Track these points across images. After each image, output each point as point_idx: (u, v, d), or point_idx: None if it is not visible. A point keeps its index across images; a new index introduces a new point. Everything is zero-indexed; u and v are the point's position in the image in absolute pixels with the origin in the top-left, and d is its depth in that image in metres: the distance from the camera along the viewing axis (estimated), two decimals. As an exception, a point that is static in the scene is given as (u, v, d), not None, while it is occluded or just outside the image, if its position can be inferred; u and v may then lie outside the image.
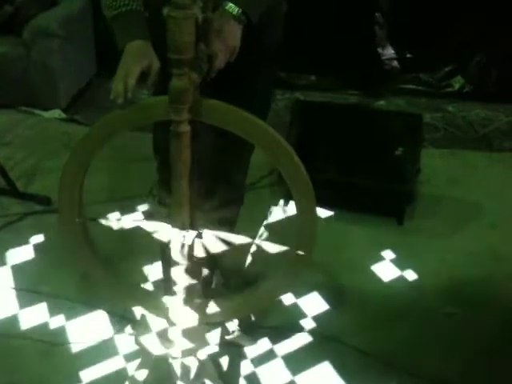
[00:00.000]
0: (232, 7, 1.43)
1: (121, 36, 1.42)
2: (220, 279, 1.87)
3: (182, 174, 1.31)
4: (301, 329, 2.10)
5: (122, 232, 1.50)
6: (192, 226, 1.40)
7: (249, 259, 2.16)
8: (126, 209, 2.70)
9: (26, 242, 2.50)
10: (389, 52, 3.98)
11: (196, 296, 1.54)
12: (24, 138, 3.32)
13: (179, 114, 1.25)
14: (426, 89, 4.00)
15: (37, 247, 2.48)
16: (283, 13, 1.71)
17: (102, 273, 1.58)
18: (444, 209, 2.78)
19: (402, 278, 2.36)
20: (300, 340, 2.06)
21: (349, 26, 3.87)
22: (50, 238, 2.52)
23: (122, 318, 2.10)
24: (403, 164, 2.54)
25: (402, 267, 2.42)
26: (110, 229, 1.50)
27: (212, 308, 1.57)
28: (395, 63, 4.02)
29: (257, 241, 1.45)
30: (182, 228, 1.38)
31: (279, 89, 3.89)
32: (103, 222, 1.51)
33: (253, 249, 1.59)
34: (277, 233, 2.47)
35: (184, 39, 1.18)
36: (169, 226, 1.40)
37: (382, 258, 2.46)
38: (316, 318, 2.16)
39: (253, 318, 2.02)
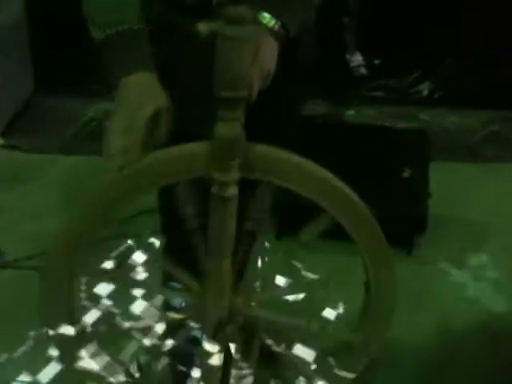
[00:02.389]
0: (267, 18, 1.09)
1: (117, 65, 1.01)
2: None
3: (225, 251, 0.94)
4: None
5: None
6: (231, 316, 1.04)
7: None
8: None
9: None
10: (357, 58, 3.73)
11: None
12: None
13: (227, 172, 0.88)
14: (395, 96, 3.78)
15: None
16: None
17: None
18: (449, 232, 2.49)
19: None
20: None
21: (315, 32, 3.60)
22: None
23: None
24: (413, 187, 2.24)
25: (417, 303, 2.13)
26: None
27: None
28: (363, 70, 3.78)
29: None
30: (220, 321, 1.01)
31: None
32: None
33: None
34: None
35: (242, 68, 0.81)
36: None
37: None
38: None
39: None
